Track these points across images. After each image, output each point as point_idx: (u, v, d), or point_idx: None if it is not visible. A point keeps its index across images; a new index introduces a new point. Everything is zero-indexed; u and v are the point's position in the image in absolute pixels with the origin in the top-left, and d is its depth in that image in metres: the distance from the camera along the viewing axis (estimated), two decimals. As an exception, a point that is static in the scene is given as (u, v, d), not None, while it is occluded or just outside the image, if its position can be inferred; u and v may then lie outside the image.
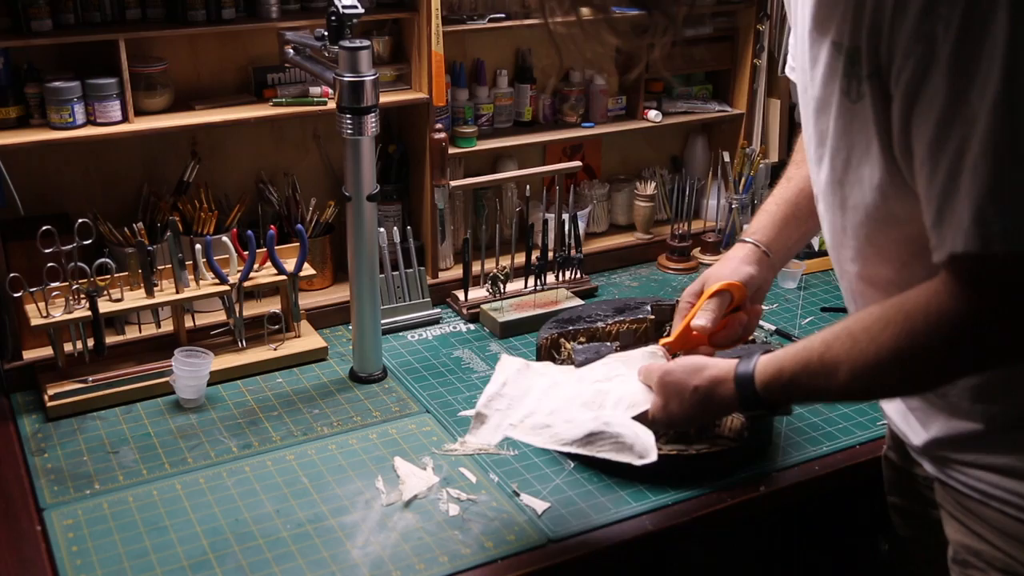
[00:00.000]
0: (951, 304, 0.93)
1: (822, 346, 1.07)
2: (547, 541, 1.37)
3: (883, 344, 0.99)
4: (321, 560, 1.33)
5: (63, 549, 1.35)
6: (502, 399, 1.37)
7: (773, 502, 1.49)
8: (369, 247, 1.71)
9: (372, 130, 1.63)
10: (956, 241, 0.88)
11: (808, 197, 1.34)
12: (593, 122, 2.27)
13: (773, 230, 1.41)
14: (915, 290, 0.98)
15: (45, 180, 1.84)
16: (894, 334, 0.98)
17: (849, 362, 1.03)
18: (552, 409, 1.34)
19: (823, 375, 1.07)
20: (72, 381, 1.71)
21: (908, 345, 0.97)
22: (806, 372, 1.10)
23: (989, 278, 0.90)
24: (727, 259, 1.42)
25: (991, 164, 0.85)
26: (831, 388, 1.07)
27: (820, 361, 1.07)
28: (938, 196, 0.89)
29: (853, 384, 1.04)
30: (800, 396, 1.20)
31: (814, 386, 1.10)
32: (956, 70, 0.85)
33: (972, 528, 1.09)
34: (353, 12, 1.57)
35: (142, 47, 1.83)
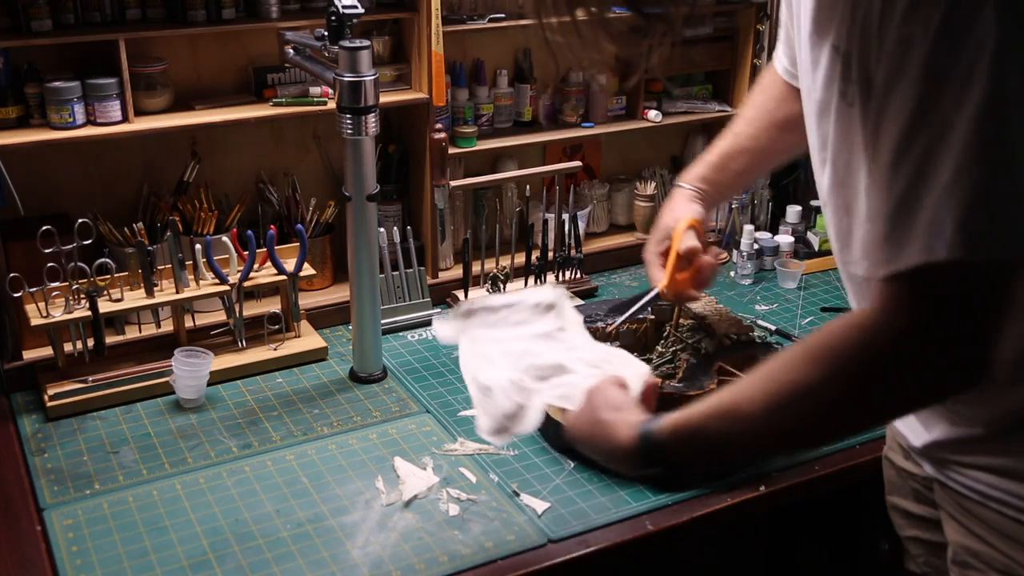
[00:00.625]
0: (883, 318, 0.89)
1: (734, 388, 1.02)
2: (547, 541, 1.37)
3: (800, 369, 0.95)
4: (321, 560, 1.33)
5: (63, 549, 1.35)
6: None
7: (773, 502, 1.49)
8: (369, 247, 1.71)
9: (372, 130, 1.63)
10: (917, 252, 0.85)
11: (745, 152, 1.46)
12: (593, 122, 2.27)
13: (709, 173, 1.49)
14: (842, 318, 0.94)
15: (45, 180, 1.84)
16: (813, 357, 0.94)
17: (761, 394, 0.98)
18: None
19: (731, 414, 1.01)
20: (72, 381, 1.71)
21: (829, 365, 0.93)
22: (716, 414, 1.03)
23: (949, 290, 0.87)
24: (673, 205, 1.49)
25: (972, 172, 0.82)
26: (742, 430, 1.00)
27: (730, 400, 1.02)
28: (896, 206, 0.86)
29: (763, 421, 0.98)
30: (707, 446, 1.06)
31: (722, 431, 1.02)
32: (928, 75, 0.83)
33: (971, 529, 1.09)
34: (353, 12, 1.57)
35: (142, 47, 1.83)
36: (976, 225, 0.82)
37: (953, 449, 1.10)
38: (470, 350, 1.33)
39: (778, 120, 1.46)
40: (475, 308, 1.37)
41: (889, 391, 0.93)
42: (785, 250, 2.25)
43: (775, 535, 1.62)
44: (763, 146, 1.48)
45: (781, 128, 1.46)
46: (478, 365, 1.32)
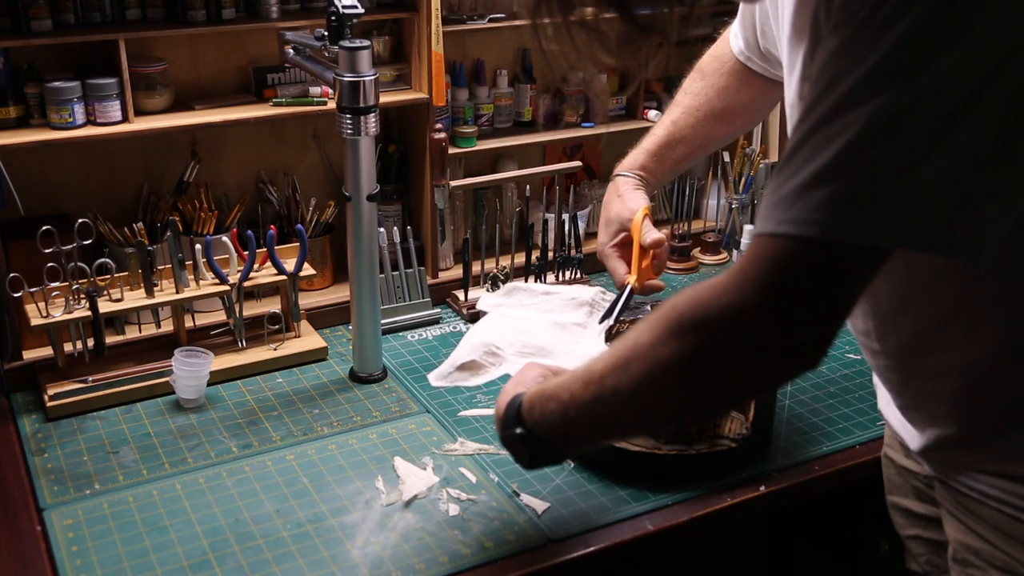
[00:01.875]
0: (739, 294, 0.88)
1: (595, 357, 1.03)
2: (547, 541, 1.37)
3: (639, 334, 0.94)
4: (321, 560, 1.33)
5: (63, 549, 1.35)
6: None
7: (773, 502, 1.49)
8: (369, 247, 1.71)
9: (372, 130, 1.63)
10: (775, 222, 0.84)
11: (683, 141, 1.48)
12: (593, 122, 2.27)
13: (649, 162, 1.51)
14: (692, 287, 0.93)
15: (45, 180, 1.84)
16: (652, 324, 0.93)
17: (605, 358, 0.98)
18: None
19: (582, 379, 1.01)
20: (72, 381, 1.71)
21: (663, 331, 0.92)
22: (569, 378, 1.04)
23: (796, 266, 0.85)
24: (621, 195, 1.49)
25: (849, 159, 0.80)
26: (588, 394, 1.00)
27: (584, 366, 1.02)
28: (775, 182, 0.86)
29: (606, 385, 0.98)
30: (559, 413, 1.06)
31: (573, 394, 1.03)
32: (833, 64, 0.81)
33: (971, 527, 1.09)
34: (353, 12, 1.57)
35: (142, 47, 1.83)
36: (838, 208, 0.81)
37: (950, 451, 1.10)
38: (489, 318, 1.38)
39: (716, 110, 1.47)
40: (519, 288, 1.42)
41: (716, 360, 0.91)
42: (785, 250, 2.24)
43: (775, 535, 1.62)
44: (701, 136, 1.49)
45: (719, 118, 1.47)
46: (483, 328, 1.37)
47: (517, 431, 1.11)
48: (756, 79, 1.45)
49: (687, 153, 1.51)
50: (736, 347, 0.89)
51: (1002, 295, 0.95)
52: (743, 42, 1.42)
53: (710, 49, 1.51)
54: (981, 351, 0.98)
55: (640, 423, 1.07)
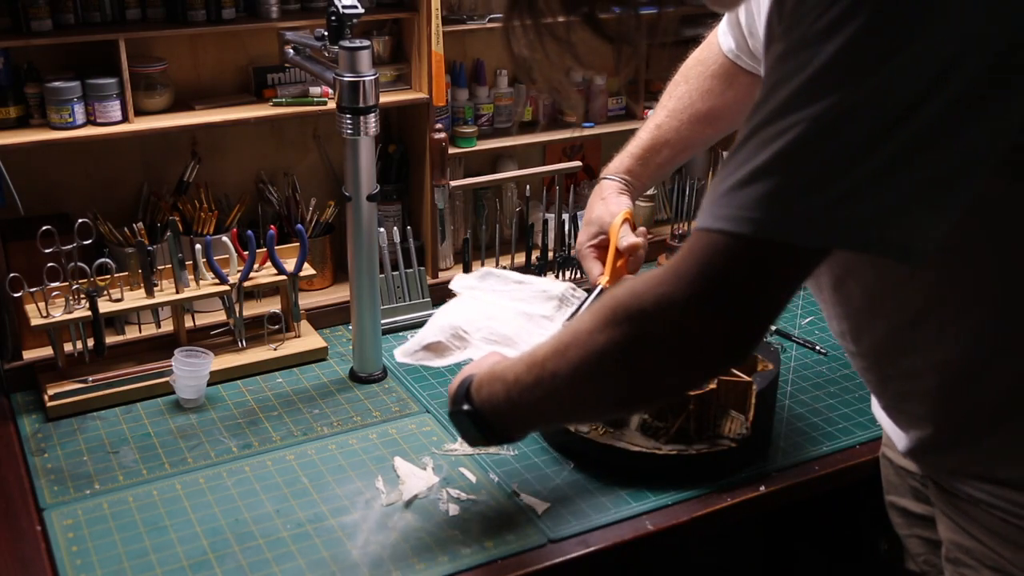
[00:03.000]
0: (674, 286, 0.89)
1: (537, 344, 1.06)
2: (547, 541, 1.37)
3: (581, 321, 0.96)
4: (321, 560, 1.33)
5: (63, 549, 1.35)
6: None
7: (773, 502, 1.49)
8: (369, 247, 1.71)
9: (372, 130, 1.63)
10: (710, 219, 0.85)
11: (668, 145, 1.49)
12: (593, 122, 2.27)
13: (634, 166, 1.52)
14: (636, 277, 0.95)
15: (45, 180, 1.84)
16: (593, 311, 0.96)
17: (550, 341, 1.01)
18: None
19: (528, 360, 1.04)
20: (72, 381, 1.71)
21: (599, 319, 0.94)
22: (517, 360, 1.07)
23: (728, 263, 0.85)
24: (605, 198, 1.51)
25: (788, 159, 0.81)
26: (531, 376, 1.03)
27: (534, 348, 1.05)
28: (718, 178, 0.87)
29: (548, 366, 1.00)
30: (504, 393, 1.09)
31: (516, 375, 1.05)
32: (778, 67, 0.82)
33: (963, 526, 1.10)
34: (353, 12, 1.57)
35: (142, 47, 1.83)
36: (771, 206, 0.81)
37: (931, 453, 1.11)
38: (459, 303, 1.39)
39: (701, 113, 1.48)
40: (492, 273, 1.42)
41: (646, 350, 0.92)
42: (785, 250, 2.24)
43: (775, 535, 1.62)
44: (685, 139, 1.50)
45: (703, 122, 1.48)
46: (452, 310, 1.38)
47: (464, 408, 1.14)
48: (741, 81, 1.46)
49: (671, 156, 1.52)
50: (665, 338, 0.91)
51: (970, 296, 0.96)
52: (733, 41, 1.43)
53: (694, 52, 1.53)
54: (953, 351, 0.99)
55: (578, 408, 1.08)
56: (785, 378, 1.76)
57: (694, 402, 1.46)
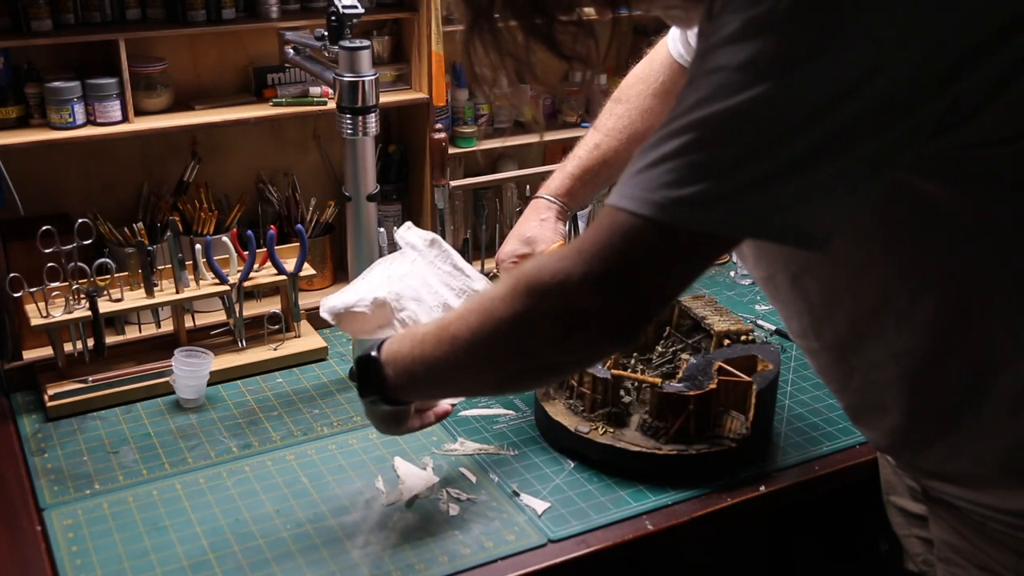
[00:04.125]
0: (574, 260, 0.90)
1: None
2: (547, 541, 1.37)
3: (491, 289, 0.98)
4: (321, 560, 1.33)
5: (63, 549, 1.35)
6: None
7: (773, 502, 1.49)
8: (369, 247, 1.71)
9: (372, 130, 1.63)
10: (618, 197, 0.87)
11: (607, 166, 1.50)
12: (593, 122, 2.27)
13: (574, 187, 1.54)
14: None
15: (45, 180, 1.84)
16: (501, 281, 0.97)
17: (460, 308, 1.03)
18: None
19: (438, 323, 1.05)
20: (72, 381, 1.71)
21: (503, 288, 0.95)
22: (426, 327, 1.08)
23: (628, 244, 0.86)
24: (544, 219, 1.53)
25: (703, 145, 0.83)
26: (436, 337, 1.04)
27: (442, 316, 1.07)
28: (638, 151, 0.88)
29: (452, 326, 1.01)
30: (408, 350, 1.09)
31: (423, 333, 1.06)
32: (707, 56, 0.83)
33: (953, 526, 1.10)
34: (353, 12, 1.57)
35: (142, 47, 1.83)
36: (681, 192, 0.83)
37: (905, 447, 1.11)
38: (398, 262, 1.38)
39: (639, 133, 1.50)
40: (440, 243, 1.44)
41: (542, 322, 0.93)
42: (785, 250, 2.24)
43: (775, 535, 1.62)
44: (623, 159, 1.51)
45: (641, 140, 1.49)
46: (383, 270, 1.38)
47: (371, 353, 1.13)
48: None
49: (609, 176, 1.55)
50: (559, 312, 0.92)
51: (920, 290, 0.96)
52: (683, 47, 1.44)
53: (634, 69, 1.54)
54: (912, 342, 0.99)
55: (470, 377, 1.08)
56: (785, 378, 1.77)
57: (694, 402, 1.46)
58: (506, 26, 0.93)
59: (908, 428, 1.06)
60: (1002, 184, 0.89)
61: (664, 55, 1.49)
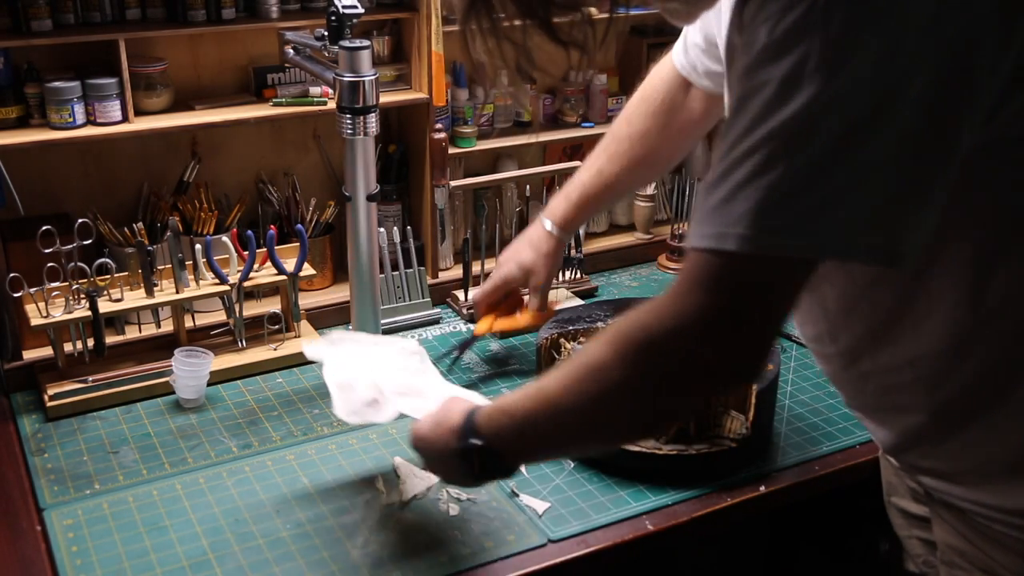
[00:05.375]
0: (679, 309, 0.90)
1: (547, 374, 1.05)
2: (547, 541, 1.37)
3: (590, 350, 0.97)
4: (321, 560, 1.33)
5: (63, 549, 1.35)
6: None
7: (773, 502, 1.49)
8: (369, 247, 1.71)
9: (372, 130, 1.63)
10: (703, 238, 0.86)
11: (608, 190, 1.54)
12: (593, 122, 2.27)
13: (574, 214, 1.57)
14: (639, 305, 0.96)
15: (45, 180, 1.84)
16: (605, 339, 0.96)
17: (561, 373, 1.01)
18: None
19: (537, 393, 1.04)
20: (72, 381, 1.71)
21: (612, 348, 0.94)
22: (523, 395, 1.06)
23: (729, 281, 0.86)
24: (544, 253, 1.59)
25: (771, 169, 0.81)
26: (542, 408, 1.03)
27: (539, 382, 1.05)
28: (704, 195, 0.87)
29: (560, 400, 1.00)
30: (512, 426, 1.08)
31: (527, 408, 1.05)
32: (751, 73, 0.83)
33: (957, 528, 1.10)
34: (353, 12, 1.57)
35: (142, 47, 1.83)
36: (763, 223, 0.82)
37: (914, 452, 1.11)
38: (334, 364, 1.38)
39: (638, 158, 1.52)
40: (344, 338, 1.43)
41: (664, 383, 0.93)
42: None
43: (775, 535, 1.62)
44: (624, 182, 1.55)
45: (642, 165, 1.53)
46: (339, 372, 1.36)
47: (472, 442, 1.12)
48: (686, 110, 1.49)
49: (610, 200, 1.61)
50: (680, 371, 0.92)
51: (936, 293, 0.96)
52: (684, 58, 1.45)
53: (639, 87, 1.54)
54: (928, 345, 0.99)
55: (595, 440, 1.10)
56: (785, 378, 1.77)
57: (694, 402, 1.46)
58: (503, 7, 0.92)
59: (922, 428, 1.06)
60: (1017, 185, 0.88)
61: (667, 70, 1.49)
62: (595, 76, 2.25)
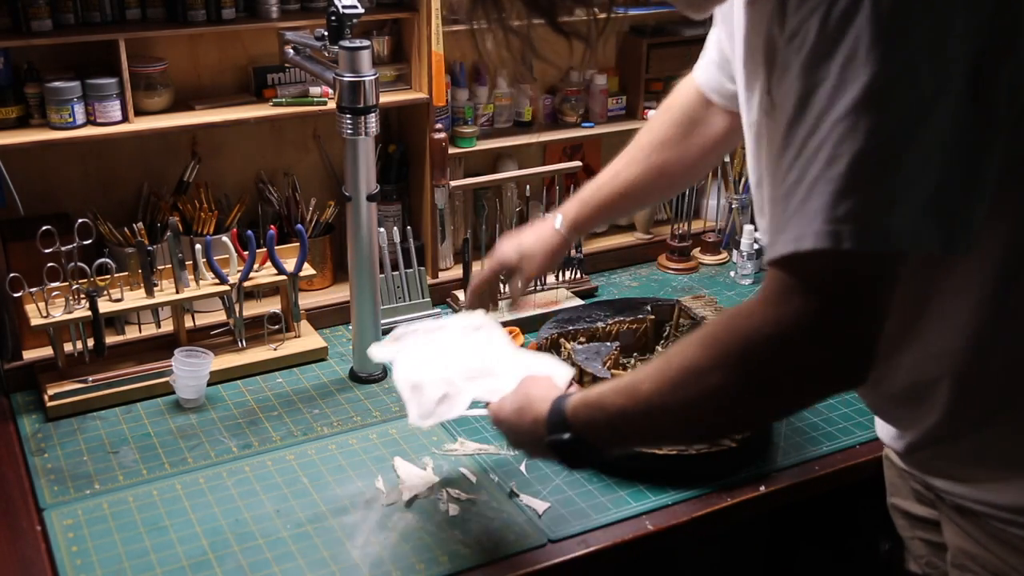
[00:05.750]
0: (764, 309, 0.90)
1: (638, 370, 1.05)
2: (547, 541, 1.37)
3: (687, 354, 0.97)
4: (321, 560, 1.33)
5: (63, 549, 1.35)
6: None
7: (773, 502, 1.49)
8: (369, 247, 1.71)
9: (372, 130, 1.63)
10: (788, 241, 0.85)
11: (624, 196, 1.51)
12: (593, 122, 2.27)
13: (587, 216, 1.54)
14: (731, 308, 0.96)
15: (45, 180, 1.84)
16: (700, 342, 0.95)
17: (653, 374, 1.01)
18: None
19: (629, 392, 1.03)
20: (72, 381, 1.71)
21: (711, 351, 0.94)
22: (614, 390, 1.06)
23: (821, 281, 0.86)
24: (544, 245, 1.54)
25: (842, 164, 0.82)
26: (636, 408, 1.03)
27: (630, 378, 1.04)
28: (778, 196, 0.87)
29: (655, 401, 1.00)
30: (605, 421, 1.08)
31: (618, 405, 1.05)
32: (808, 68, 0.83)
33: (968, 532, 1.10)
34: (353, 12, 1.57)
35: (142, 47, 1.83)
36: (843, 216, 0.82)
37: (927, 455, 1.11)
38: (403, 364, 1.38)
39: (655, 165, 1.50)
40: (407, 332, 1.44)
41: (767, 389, 0.93)
42: (785, 250, 2.24)
43: (775, 535, 1.62)
44: (639, 189, 1.52)
45: (658, 174, 1.50)
46: (409, 372, 1.35)
47: (565, 436, 1.12)
48: (706, 125, 1.47)
49: (626, 207, 1.59)
50: (783, 378, 0.91)
51: (963, 286, 0.96)
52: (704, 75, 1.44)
53: (665, 99, 1.53)
54: (954, 341, 0.99)
55: (690, 437, 1.15)
56: (785, 378, 1.76)
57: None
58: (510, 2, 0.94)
59: (941, 426, 1.06)
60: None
61: (690, 83, 1.47)
62: (595, 76, 2.25)
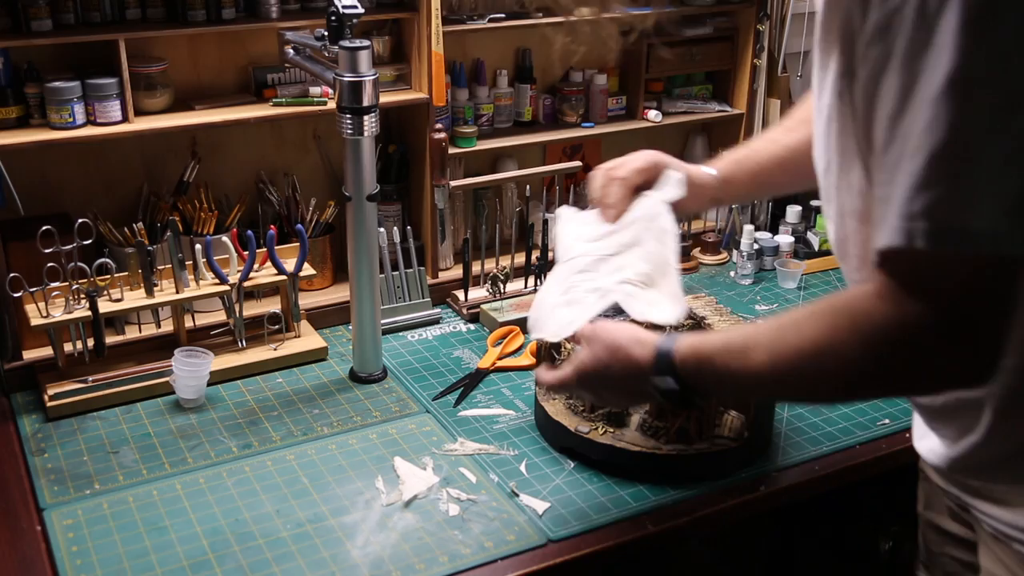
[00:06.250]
0: (877, 304, 0.90)
1: (749, 329, 1.07)
2: (547, 541, 1.37)
3: (805, 333, 0.98)
4: (321, 560, 1.33)
5: (63, 549, 1.35)
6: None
7: (773, 502, 1.49)
8: (369, 247, 1.71)
9: (372, 130, 1.63)
10: (884, 236, 0.86)
11: (778, 165, 1.41)
12: (593, 122, 2.27)
13: (734, 172, 1.45)
14: (852, 289, 0.97)
15: (45, 180, 1.84)
16: (817, 324, 0.97)
17: (768, 345, 1.02)
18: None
19: (740, 355, 1.05)
20: (72, 381, 1.71)
21: (828, 337, 0.95)
22: (725, 349, 1.07)
23: (919, 278, 0.87)
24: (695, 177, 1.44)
25: (922, 158, 0.82)
26: (747, 371, 1.04)
27: (742, 341, 1.05)
28: (880, 194, 0.87)
29: (767, 370, 1.02)
30: (713, 375, 1.10)
31: (729, 366, 1.06)
32: (907, 64, 0.83)
33: (1000, 558, 1.09)
34: (353, 12, 1.57)
35: (142, 47, 1.83)
36: (918, 212, 0.82)
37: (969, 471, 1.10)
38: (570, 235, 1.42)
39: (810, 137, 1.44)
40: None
41: (898, 373, 0.94)
42: (785, 250, 2.25)
43: (775, 535, 1.62)
44: (791, 159, 1.42)
45: (774, 160, 1.43)
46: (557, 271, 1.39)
47: (672, 382, 1.14)
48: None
49: (775, 175, 1.45)
50: (917, 365, 0.92)
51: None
52: None
53: None
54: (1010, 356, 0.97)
55: (799, 401, 1.24)
56: (785, 378, 1.76)
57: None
58: None
59: (984, 445, 1.05)
60: None
61: None
62: (595, 76, 2.25)
